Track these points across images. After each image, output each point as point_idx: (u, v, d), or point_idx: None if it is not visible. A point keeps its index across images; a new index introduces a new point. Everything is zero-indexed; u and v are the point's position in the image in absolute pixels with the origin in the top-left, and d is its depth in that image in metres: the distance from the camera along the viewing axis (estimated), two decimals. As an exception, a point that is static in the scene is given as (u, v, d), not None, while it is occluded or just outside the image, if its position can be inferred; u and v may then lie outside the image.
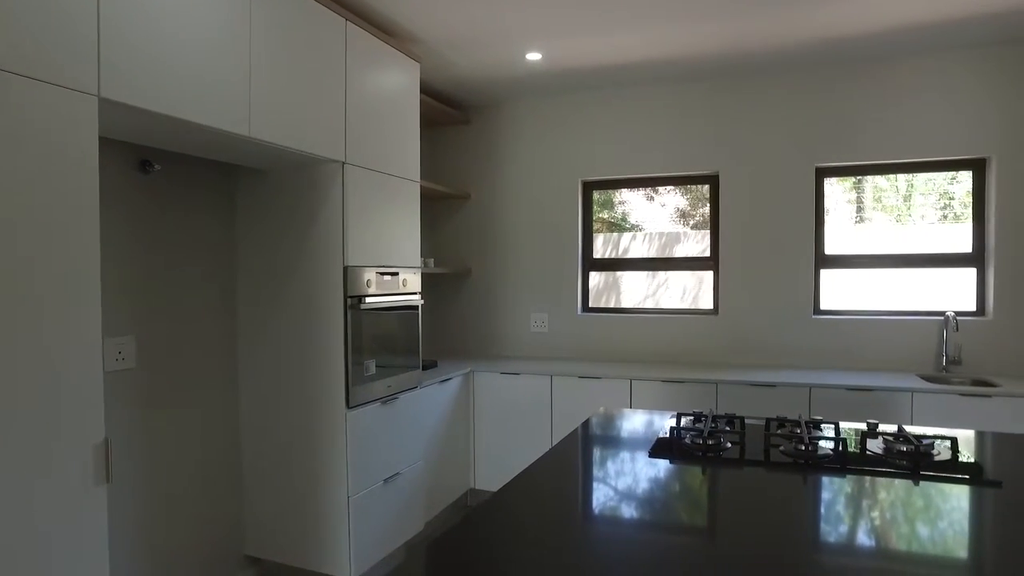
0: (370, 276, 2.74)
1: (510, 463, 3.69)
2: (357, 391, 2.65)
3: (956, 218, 3.59)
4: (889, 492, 1.52)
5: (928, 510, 1.41)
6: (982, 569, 1.14)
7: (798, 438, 1.82)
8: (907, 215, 3.69)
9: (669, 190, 4.19)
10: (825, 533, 1.28)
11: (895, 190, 3.72)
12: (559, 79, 3.83)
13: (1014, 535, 1.26)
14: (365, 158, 2.73)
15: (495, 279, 4.34)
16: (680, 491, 1.55)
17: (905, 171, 3.60)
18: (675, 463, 1.77)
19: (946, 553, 1.19)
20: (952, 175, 3.56)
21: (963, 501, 1.46)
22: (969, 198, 3.53)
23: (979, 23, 3.01)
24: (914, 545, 1.23)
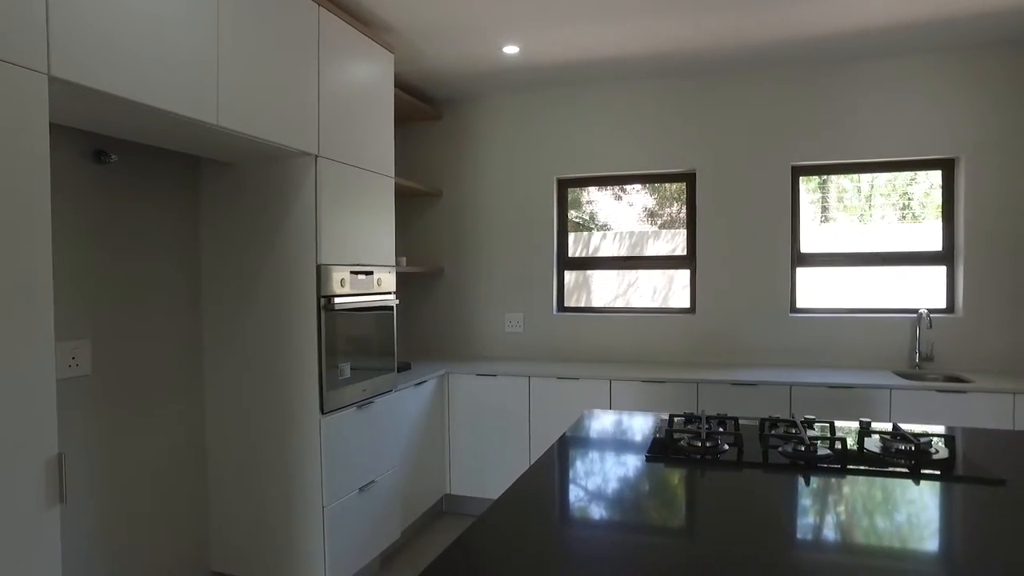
0: (344, 275, 2.61)
1: (487, 467, 3.60)
2: (331, 396, 2.52)
3: (915, 218, 3.66)
4: (893, 493, 1.48)
5: (933, 510, 1.37)
6: (991, 569, 1.10)
7: (797, 439, 1.78)
8: (869, 215, 3.73)
9: (637, 189, 4.16)
10: (838, 537, 1.23)
11: (857, 191, 3.76)
12: (535, 74, 3.75)
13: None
14: (339, 152, 2.60)
15: (468, 278, 4.24)
16: (681, 497, 1.49)
17: (878, 170, 3.63)
18: (673, 467, 1.71)
19: (956, 553, 1.15)
20: (912, 176, 3.62)
21: (968, 501, 1.43)
22: (927, 198, 3.60)
23: (948, 26, 3.05)
24: (924, 546, 1.18)
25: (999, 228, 3.35)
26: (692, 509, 1.41)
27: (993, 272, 3.37)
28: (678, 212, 4.41)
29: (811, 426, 2.01)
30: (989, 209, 3.37)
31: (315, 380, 2.45)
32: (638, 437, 2.03)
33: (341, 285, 2.58)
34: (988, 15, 2.94)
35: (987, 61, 3.36)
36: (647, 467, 1.71)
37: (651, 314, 3.93)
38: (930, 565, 1.12)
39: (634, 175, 4.03)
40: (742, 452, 1.80)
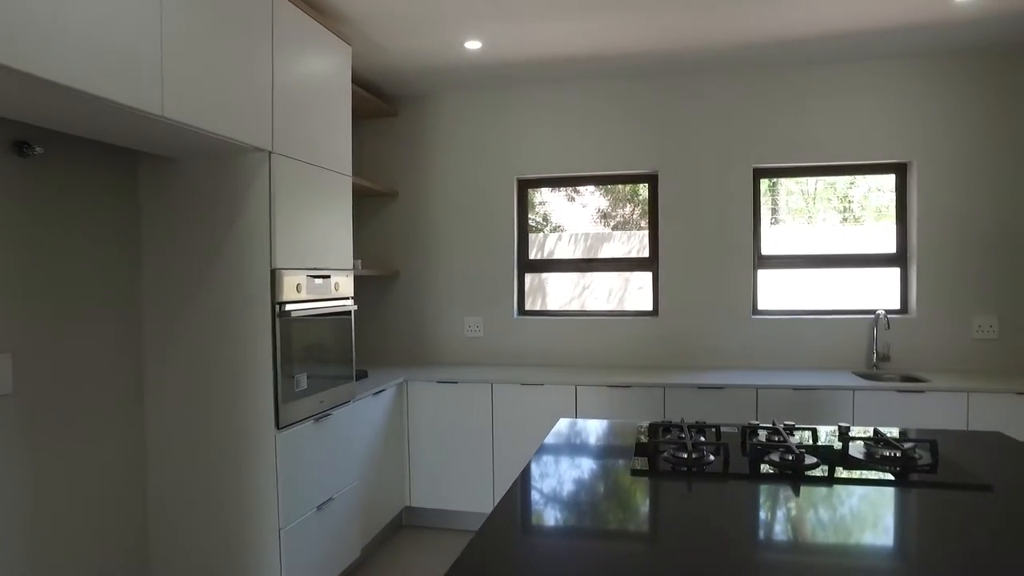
0: (300, 280, 2.44)
1: (449, 478, 3.47)
2: (288, 409, 2.35)
3: (856, 220, 3.74)
4: (884, 503, 1.44)
5: (926, 519, 1.34)
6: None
7: (785, 447, 1.73)
8: (814, 217, 3.79)
9: (591, 190, 4.12)
10: (841, 549, 1.17)
11: (802, 193, 3.82)
12: (497, 71, 3.64)
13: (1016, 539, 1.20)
14: (294, 148, 2.43)
15: (425, 282, 4.10)
16: (674, 514, 1.41)
17: (836, 173, 3.69)
18: (659, 480, 1.63)
19: (958, 562, 1.11)
20: (851, 180, 3.70)
21: (960, 508, 1.41)
22: (867, 201, 3.70)
23: (902, 35, 3.11)
24: (925, 556, 1.13)
25: (949, 231, 3.45)
26: (686, 527, 1.34)
27: (944, 274, 3.46)
28: (631, 213, 4.40)
29: (792, 432, 1.97)
30: (940, 212, 3.46)
31: (270, 393, 2.27)
32: (620, 449, 1.95)
33: (297, 290, 2.41)
34: (937, 25, 3.01)
35: (937, 70, 3.45)
36: (634, 483, 1.62)
37: (614, 317, 3.88)
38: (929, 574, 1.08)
39: (596, 176, 3.98)
40: (728, 463, 1.74)
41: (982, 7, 2.83)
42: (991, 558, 1.16)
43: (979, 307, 3.43)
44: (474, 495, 3.44)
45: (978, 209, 3.42)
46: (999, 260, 3.40)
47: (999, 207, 3.40)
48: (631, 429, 2.19)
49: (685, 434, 1.89)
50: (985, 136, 3.41)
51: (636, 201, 4.42)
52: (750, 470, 1.69)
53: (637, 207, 4.43)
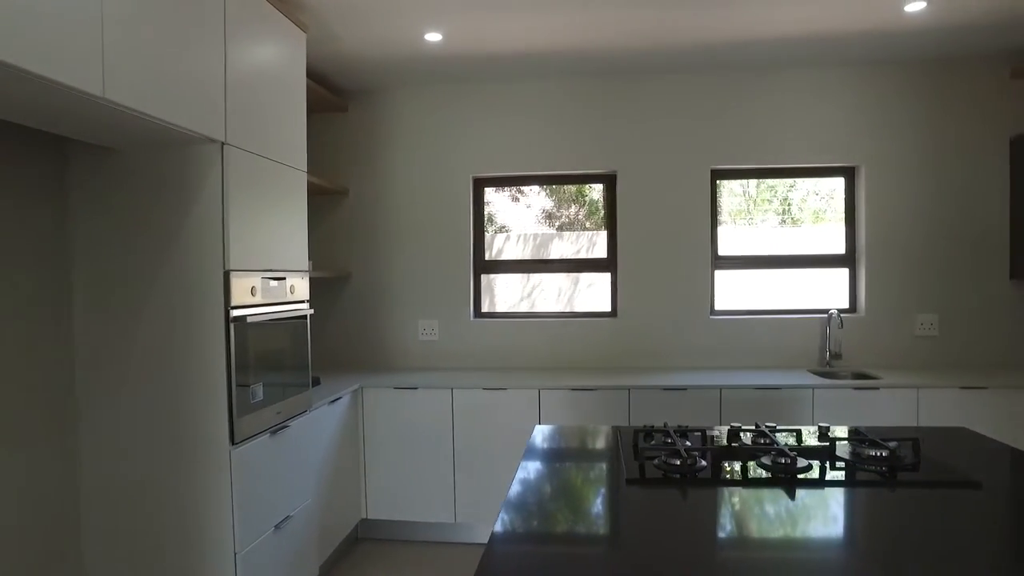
0: (255, 282, 2.26)
1: (407, 488, 3.32)
2: (243, 423, 2.16)
3: (794, 222, 3.85)
4: (881, 504, 1.43)
5: (923, 518, 1.33)
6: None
7: (777, 450, 1.71)
8: (754, 220, 3.88)
9: (535, 191, 4.07)
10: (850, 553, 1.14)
11: (744, 195, 3.90)
12: (456, 65, 3.53)
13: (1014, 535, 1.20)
14: (249, 140, 2.25)
15: (378, 283, 3.93)
16: (680, 526, 1.35)
17: (789, 176, 3.77)
18: (654, 489, 1.57)
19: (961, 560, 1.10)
20: (791, 183, 3.81)
21: (954, 506, 1.41)
22: (805, 203, 3.82)
23: (856, 42, 3.20)
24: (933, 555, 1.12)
25: (896, 233, 3.58)
26: (695, 538, 1.28)
27: (890, 274, 3.58)
28: (576, 214, 4.38)
29: (774, 431, 1.96)
30: (885, 215, 3.59)
31: (224, 406, 2.09)
32: (610, 457, 1.88)
33: (252, 294, 2.23)
34: (888, 34, 3.11)
35: (884, 78, 3.57)
36: (629, 493, 1.56)
37: (573, 318, 3.84)
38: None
39: (553, 175, 3.92)
40: (720, 468, 1.70)
41: (930, 18, 2.94)
42: (998, 553, 1.15)
43: (921, 306, 3.57)
44: (434, 505, 3.32)
45: (920, 212, 3.56)
46: (939, 260, 3.55)
47: (939, 210, 3.55)
48: (609, 434, 2.13)
49: (675, 440, 1.85)
50: (927, 142, 3.55)
51: (582, 202, 4.40)
52: (743, 475, 1.66)
53: (583, 208, 4.41)
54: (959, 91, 3.53)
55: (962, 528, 1.31)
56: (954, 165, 3.54)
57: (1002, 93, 3.51)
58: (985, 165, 3.53)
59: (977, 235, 3.54)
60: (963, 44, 3.30)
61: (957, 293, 3.55)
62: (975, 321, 3.54)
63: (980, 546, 1.22)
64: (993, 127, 3.52)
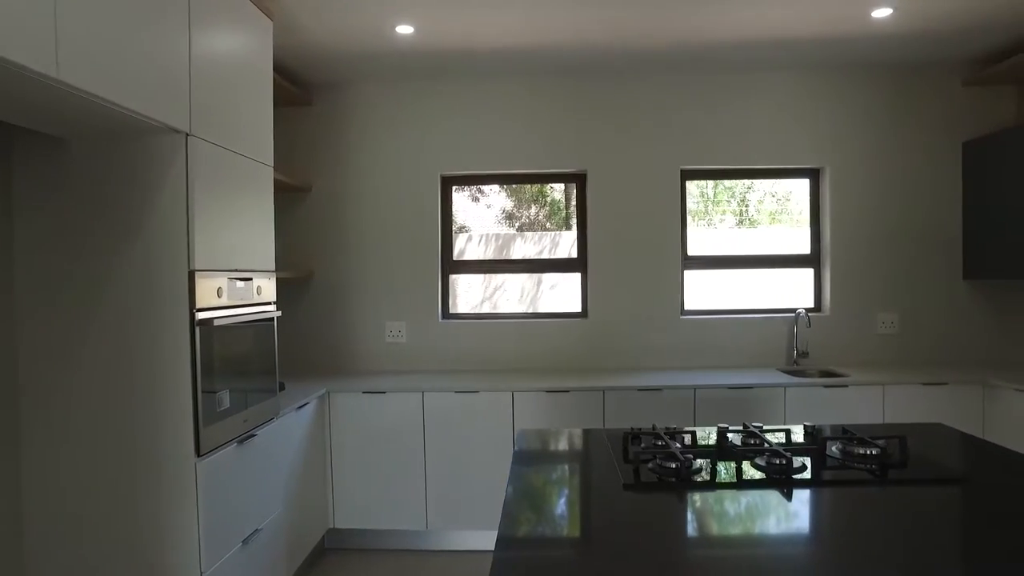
0: (221, 283, 2.13)
1: (376, 496, 3.21)
2: (209, 433, 2.03)
3: (751, 223, 3.92)
4: (877, 501, 1.43)
5: (920, 515, 1.33)
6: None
7: (772, 451, 1.69)
8: (712, 220, 3.92)
9: (495, 190, 4.02)
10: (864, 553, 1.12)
11: (702, 196, 3.95)
12: (426, 60, 3.43)
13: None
14: (215, 131, 2.11)
15: (342, 284, 3.80)
16: (679, 530, 1.31)
17: (756, 177, 3.82)
18: (651, 494, 1.53)
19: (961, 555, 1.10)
20: (748, 184, 3.87)
21: (945, 502, 1.43)
22: (763, 205, 3.90)
23: (825, 45, 3.25)
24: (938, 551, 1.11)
25: (859, 233, 3.66)
26: (697, 543, 1.24)
27: (853, 273, 3.67)
28: (536, 215, 4.35)
29: (762, 431, 1.95)
30: (849, 216, 3.67)
31: (188, 415, 1.95)
32: (600, 461, 1.83)
33: (218, 295, 2.10)
34: (855, 39, 3.17)
35: (849, 81, 3.65)
36: (627, 498, 1.51)
37: (543, 319, 3.79)
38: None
39: (522, 174, 3.87)
40: (716, 471, 1.67)
41: (895, 24, 3.01)
42: (997, 546, 1.16)
43: (883, 304, 3.66)
44: (405, 513, 3.22)
45: (880, 213, 3.65)
46: (899, 261, 3.65)
47: (898, 212, 3.65)
48: (596, 437, 2.08)
49: (666, 442, 1.81)
50: (887, 146, 3.65)
51: (543, 202, 4.37)
52: (738, 477, 1.63)
53: (544, 208, 4.38)
54: (917, 96, 3.64)
55: (957, 522, 1.31)
56: (912, 168, 3.65)
57: (955, 100, 3.64)
58: (941, 169, 3.65)
59: (934, 236, 3.65)
60: (922, 52, 3.40)
61: (916, 292, 3.65)
62: (932, 319, 3.65)
63: (980, 540, 1.22)
64: (947, 132, 3.64)
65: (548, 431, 2.20)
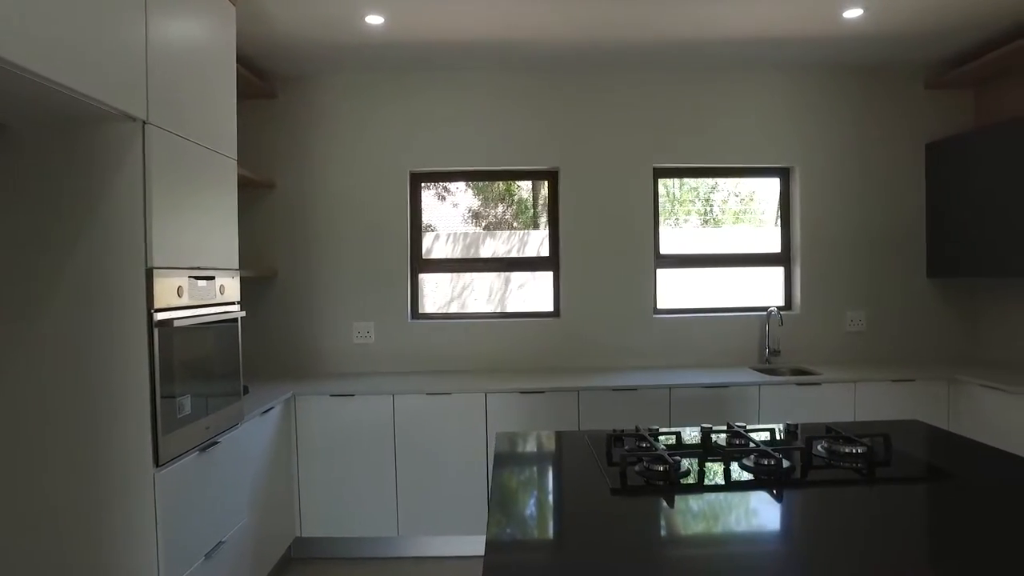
0: (181, 282, 2.00)
1: (345, 502, 3.10)
2: (169, 441, 1.90)
3: (716, 223, 3.94)
4: (869, 501, 1.40)
5: (911, 513, 1.31)
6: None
7: (761, 452, 1.66)
8: (678, 219, 3.93)
9: (461, 189, 3.95)
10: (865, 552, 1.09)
11: (668, 195, 3.95)
12: (394, 53, 3.33)
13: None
14: (174, 120, 1.98)
15: (307, 283, 3.67)
16: (673, 535, 1.26)
17: (727, 175, 3.83)
18: (639, 497, 1.49)
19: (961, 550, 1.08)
20: (713, 184, 3.89)
21: (933, 498, 1.41)
22: (727, 205, 3.93)
23: (795, 45, 3.27)
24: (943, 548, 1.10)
25: (828, 232, 3.70)
26: (693, 545, 1.19)
27: (822, 272, 3.70)
28: (503, 213, 4.29)
29: (747, 431, 1.92)
30: (818, 215, 3.70)
31: (147, 423, 1.82)
32: (584, 465, 1.77)
33: (178, 295, 1.97)
34: (825, 39, 3.19)
35: (819, 82, 3.68)
36: (616, 504, 1.46)
37: (515, 319, 3.73)
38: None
39: (494, 171, 3.80)
40: (704, 473, 1.63)
41: (864, 25, 3.04)
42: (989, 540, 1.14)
43: (851, 302, 3.71)
44: (375, 519, 3.11)
45: (848, 212, 3.70)
46: (866, 259, 3.71)
47: (865, 211, 3.70)
48: (577, 439, 2.03)
49: (650, 443, 1.77)
50: (854, 146, 3.70)
51: (510, 201, 4.32)
52: (726, 479, 1.60)
53: (511, 207, 4.33)
54: (882, 98, 3.70)
55: (951, 520, 1.30)
56: (878, 169, 3.71)
57: (918, 102, 3.71)
58: (905, 170, 3.71)
59: (899, 235, 3.71)
60: (887, 54, 3.45)
61: (882, 291, 3.71)
62: (898, 317, 3.71)
63: (975, 536, 1.20)
64: (911, 134, 3.71)
65: (527, 434, 2.13)
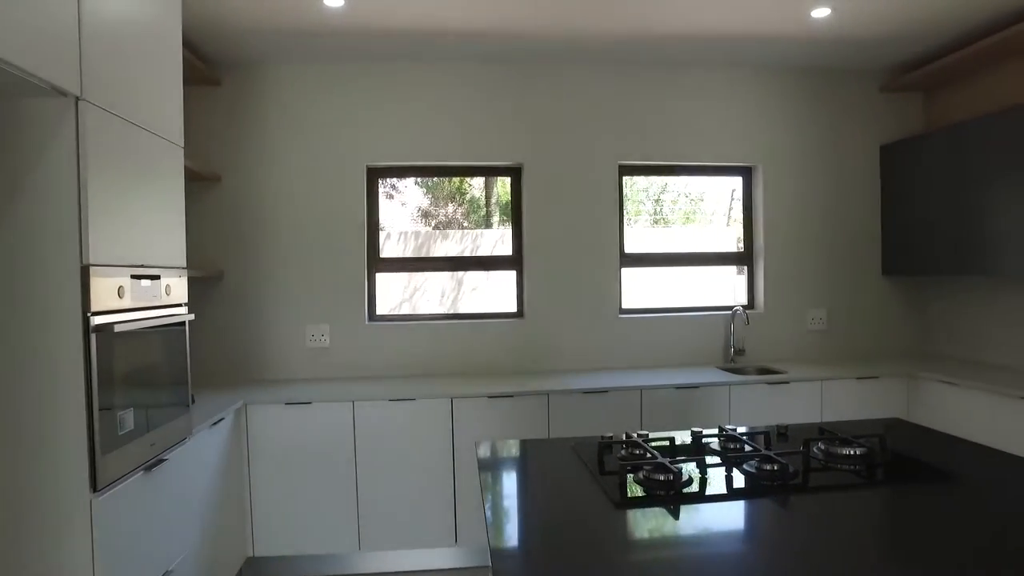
0: (123, 281, 1.78)
1: (301, 518, 2.89)
2: (108, 462, 1.68)
3: (665, 222, 3.93)
4: (877, 506, 1.35)
5: (921, 516, 1.26)
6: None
7: (763, 457, 1.58)
8: (629, 218, 3.89)
9: (407, 186, 3.79)
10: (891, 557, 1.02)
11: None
12: (352, 40, 3.14)
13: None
14: (112, 98, 1.76)
15: (257, 284, 3.43)
16: (685, 551, 1.16)
17: (691, 173, 3.80)
18: (644, 508, 1.39)
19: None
20: (663, 184, 3.89)
21: (940, 500, 1.37)
22: (675, 205, 3.93)
23: (761, 44, 3.27)
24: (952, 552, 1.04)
25: (790, 231, 3.72)
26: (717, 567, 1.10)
27: (785, 271, 3.72)
28: (454, 212, 4.16)
29: (741, 434, 1.85)
30: (780, 214, 3.72)
31: (83, 442, 1.60)
32: (579, 476, 1.65)
33: (119, 295, 1.75)
34: (792, 39, 3.20)
35: (783, 82, 3.70)
36: (622, 517, 1.35)
37: (478, 320, 3.59)
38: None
39: (455, 167, 3.66)
40: (706, 481, 1.54)
41: (830, 26, 3.05)
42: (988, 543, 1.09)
43: (812, 301, 3.74)
44: (335, 534, 2.92)
45: (808, 212, 3.73)
46: (826, 258, 3.75)
47: (825, 210, 3.74)
48: (559, 447, 1.91)
49: (645, 450, 1.67)
50: (814, 146, 3.73)
51: (461, 200, 4.19)
52: (728, 486, 1.52)
53: (462, 206, 4.20)
54: (840, 100, 3.75)
55: (964, 520, 1.26)
56: (836, 169, 3.75)
57: (873, 105, 3.78)
58: (862, 170, 3.77)
59: (856, 234, 3.77)
60: (848, 56, 3.49)
61: (841, 289, 3.76)
62: (856, 315, 3.77)
63: (990, 537, 1.15)
64: (867, 135, 3.77)
65: (508, 442, 2.01)
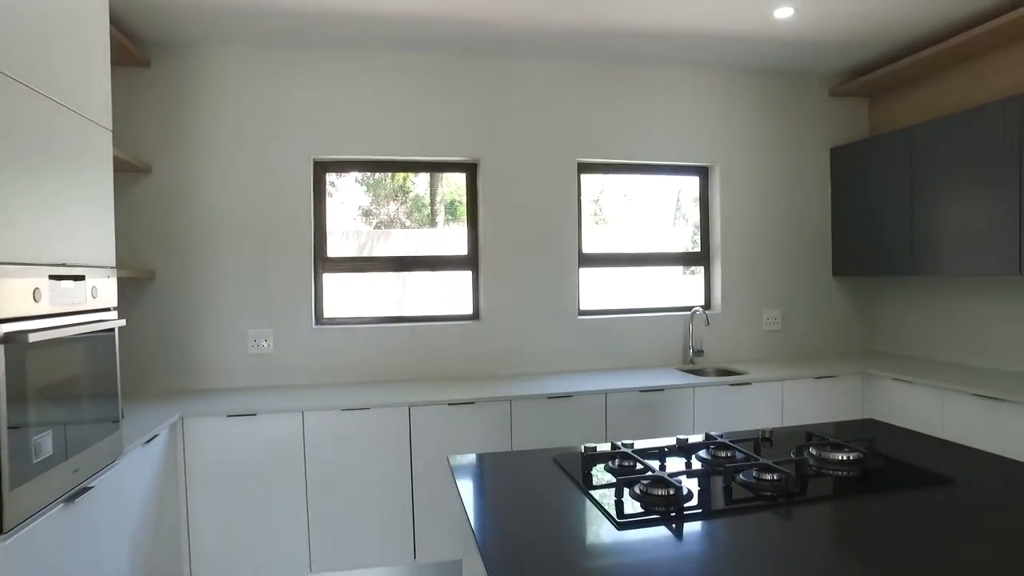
0: (39, 282, 1.53)
1: (245, 540, 2.65)
2: (20, 497, 1.43)
3: (604, 221, 3.93)
4: (876, 513, 1.29)
5: (922, 521, 1.21)
6: None
7: (761, 466, 1.50)
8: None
9: (347, 183, 3.61)
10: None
11: None
12: (298, 20, 2.91)
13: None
14: (23, 68, 1.50)
15: (191, 285, 3.15)
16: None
17: (649, 172, 3.75)
18: (648, 529, 1.28)
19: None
20: (602, 186, 3.86)
21: (940, 504, 1.34)
22: (612, 204, 3.92)
23: (724, 44, 3.24)
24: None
25: (746, 231, 3.73)
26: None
27: (741, 271, 3.73)
28: (396, 212, 4.00)
29: (723, 439, 1.77)
30: (736, 214, 3.72)
31: (-11, 474, 1.35)
32: (571, 492, 1.52)
33: (35, 299, 1.50)
34: (755, 39, 3.19)
35: (743, 83, 3.70)
36: (627, 538, 1.24)
37: (431, 322, 3.42)
38: None
39: (408, 161, 3.47)
40: (707, 495, 1.45)
41: (792, 27, 3.05)
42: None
43: (767, 301, 3.77)
44: (282, 556, 2.69)
45: (763, 212, 3.75)
46: (780, 258, 3.78)
47: (779, 211, 3.78)
48: (540, 458, 1.78)
49: (636, 460, 1.56)
50: (769, 147, 3.76)
51: (403, 198, 4.03)
52: (727, 499, 1.43)
53: (404, 204, 4.04)
54: (793, 102, 3.79)
55: (973, 524, 1.20)
56: (789, 170, 3.80)
57: (823, 108, 3.85)
58: (813, 172, 3.83)
59: (808, 235, 3.83)
60: (803, 59, 3.52)
61: (794, 289, 3.80)
62: (809, 315, 3.82)
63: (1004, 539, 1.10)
64: (818, 137, 3.84)
65: (485, 455, 1.86)
